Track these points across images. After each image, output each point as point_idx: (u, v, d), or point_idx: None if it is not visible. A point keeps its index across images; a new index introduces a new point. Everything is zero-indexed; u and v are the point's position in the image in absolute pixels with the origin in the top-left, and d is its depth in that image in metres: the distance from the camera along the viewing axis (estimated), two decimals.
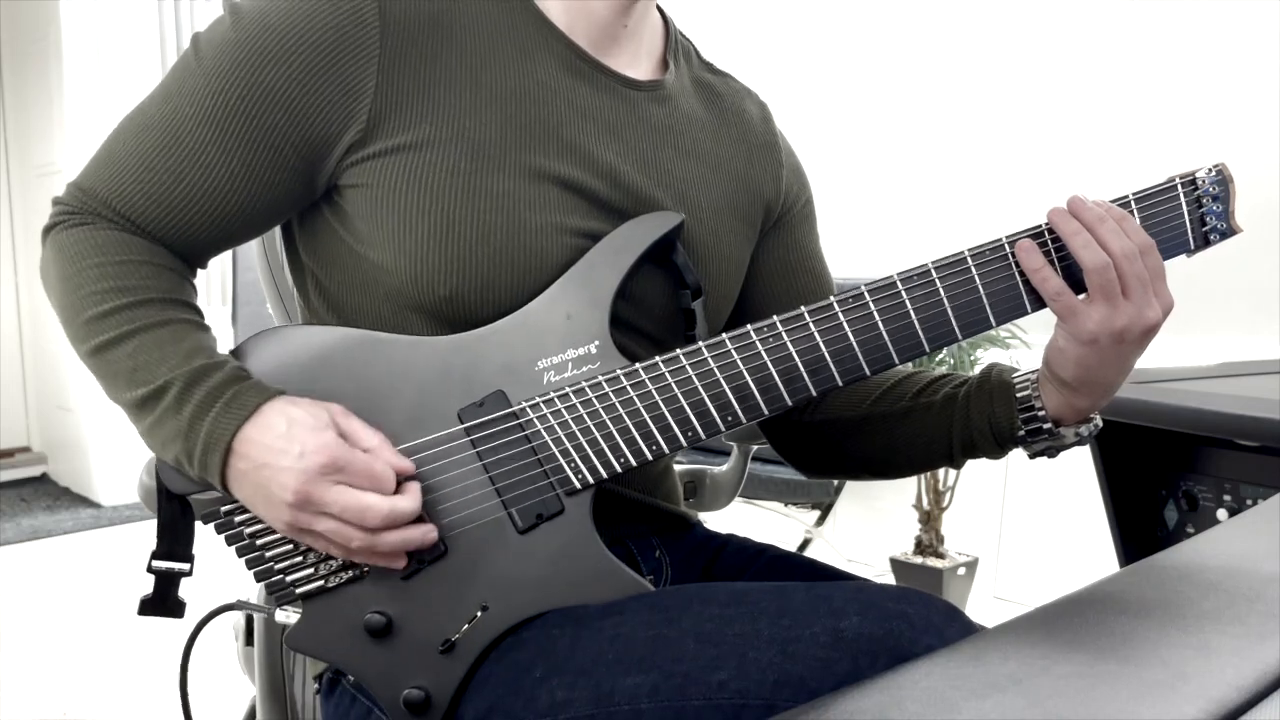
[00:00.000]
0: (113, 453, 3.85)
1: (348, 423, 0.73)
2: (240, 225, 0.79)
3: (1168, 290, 0.75)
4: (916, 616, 0.64)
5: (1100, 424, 0.82)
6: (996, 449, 0.84)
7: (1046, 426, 0.81)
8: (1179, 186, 0.78)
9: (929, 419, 0.87)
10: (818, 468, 0.99)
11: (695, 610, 0.69)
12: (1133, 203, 0.77)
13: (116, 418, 0.76)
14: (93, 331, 0.74)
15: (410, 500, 0.72)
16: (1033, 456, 0.84)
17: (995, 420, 0.83)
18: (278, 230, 0.90)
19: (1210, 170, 0.78)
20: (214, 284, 3.92)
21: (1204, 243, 0.79)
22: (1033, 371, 0.83)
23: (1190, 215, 0.78)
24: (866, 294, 0.75)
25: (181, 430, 0.72)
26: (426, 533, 0.73)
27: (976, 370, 0.87)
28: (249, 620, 1.10)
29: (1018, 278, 0.76)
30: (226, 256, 0.94)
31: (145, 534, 0.79)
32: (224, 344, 0.78)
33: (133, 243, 0.77)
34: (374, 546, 0.72)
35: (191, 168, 0.75)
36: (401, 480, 0.72)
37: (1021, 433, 0.82)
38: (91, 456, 3.98)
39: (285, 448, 0.70)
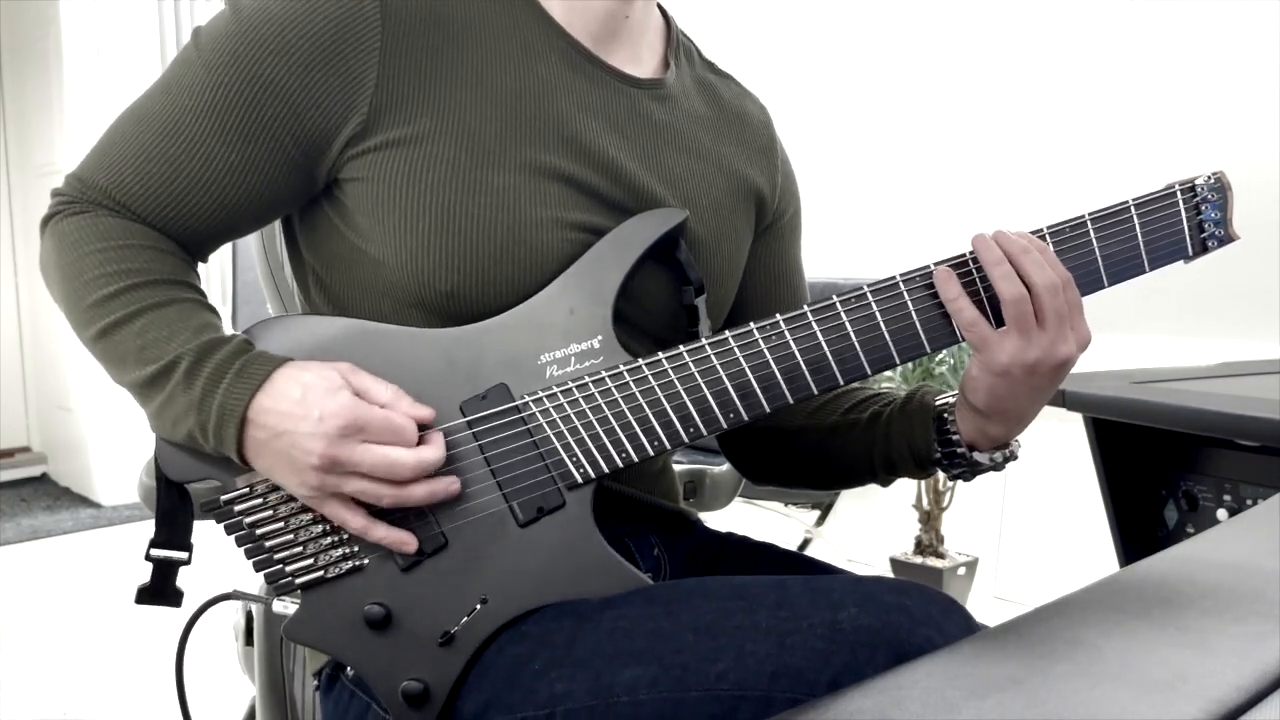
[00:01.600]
0: (113, 453, 3.84)
1: (359, 379, 0.73)
2: (240, 217, 0.79)
3: (1085, 325, 0.75)
4: (915, 609, 0.64)
5: (1017, 454, 0.83)
6: (917, 470, 0.86)
7: (960, 451, 0.82)
8: (1178, 193, 0.78)
9: (854, 436, 0.89)
10: (759, 474, 1.00)
11: (694, 603, 0.69)
12: (1132, 208, 0.77)
13: (116, 418, 0.77)
14: (98, 315, 0.75)
15: (435, 450, 0.72)
16: (951, 479, 0.86)
17: (913, 442, 0.84)
18: (278, 229, 0.90)
19: (1209, 177, 0.78)
20: (214, 284, 3.91)
21: (1202, 249, 0.79)
22: (953, 395, 0.83)
23: (1189, 222, 0.78)
24: (869, 294, 0.75)
25: (194, 405, 0.72)
26: (451, 483, 0.73)
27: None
28: (249, 620, 1.10)
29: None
30: (227, 257, 0.94)
31: (145, 534, 0.79)
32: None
33: (134, 229, 0.77)
34: (405, 499, 0.72)
35: (191, 158, 0.75)
36: (421, 429, 0.73)
37: (938, 455, 0.83)
38: (91, 456, 3.98)
39: (303, 413, 0.69)
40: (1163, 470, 1.21)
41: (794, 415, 0.93)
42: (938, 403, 0.84)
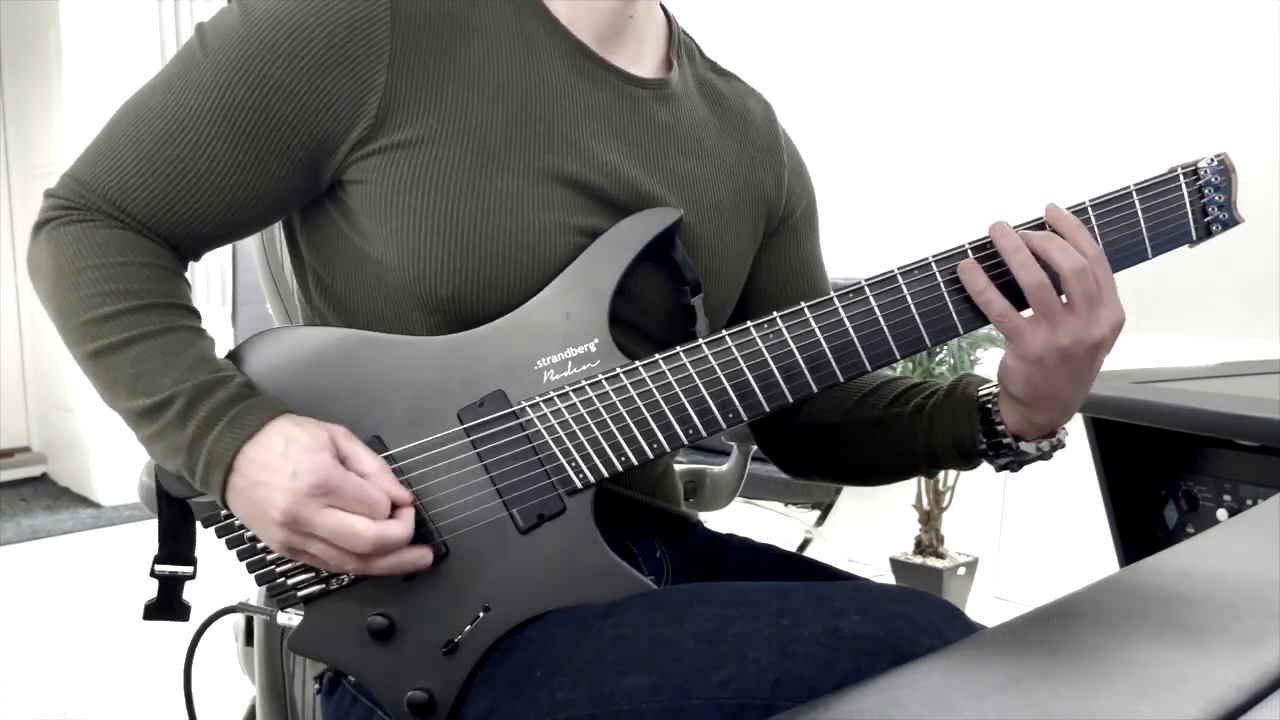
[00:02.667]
0: (113, 453, 3.84)
1: (349, 446, 0.72)
2: (244, 219, 0.78)
3: (1119, 303, 0.74)
4: (917, 616, 0.64)
5: (1064, 441, 0.82)
6: (962, 462, 0.84)
7: (1006, 442, 0.81)
8: (1181, 176, 0.77)
9: (898, 429, 0.87)
10: (801, 470, 0.99)
11: (696, 610, 0.69)
12: (1134, 193, 0.76)
13: (116, 418, 0.76)
14: (92, 335, 0.73)
15: (401, 526, 0.70)
16: (998, 470, 0.84)
17: (957, 434, 0.83)
18: (279, 230, 0.89)
19: (1212, 160, 0.77)
20: (214, 284, 3.92)
21: (1206, 233, 0.78)
22: (996, 385, 0.82)
23: (1192, 205, 0.77)
24: (867, 289, 0.75)
25: (184, 446, 0.71)
26: (421, 557, 0.72)
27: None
28: (249, 620, 1.10)
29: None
30: (227, 257, 0.94)
31: (145, 534, 0.79)
32: (223, 344, 0.77)
33: (133, 242, 0.76)
34: (367, 572, 0.71)
35: (196, 160, 0.75)
36: (396, 507, 0.71)
37: (983, 447, 0.82)
38: (91, 456, 3.98)
39: (280, 466, 0.69)
40: (1163, 470, 1.21)
41: (834, 410, 0.92)
42: (980, 393, 0.83)
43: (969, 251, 0.75)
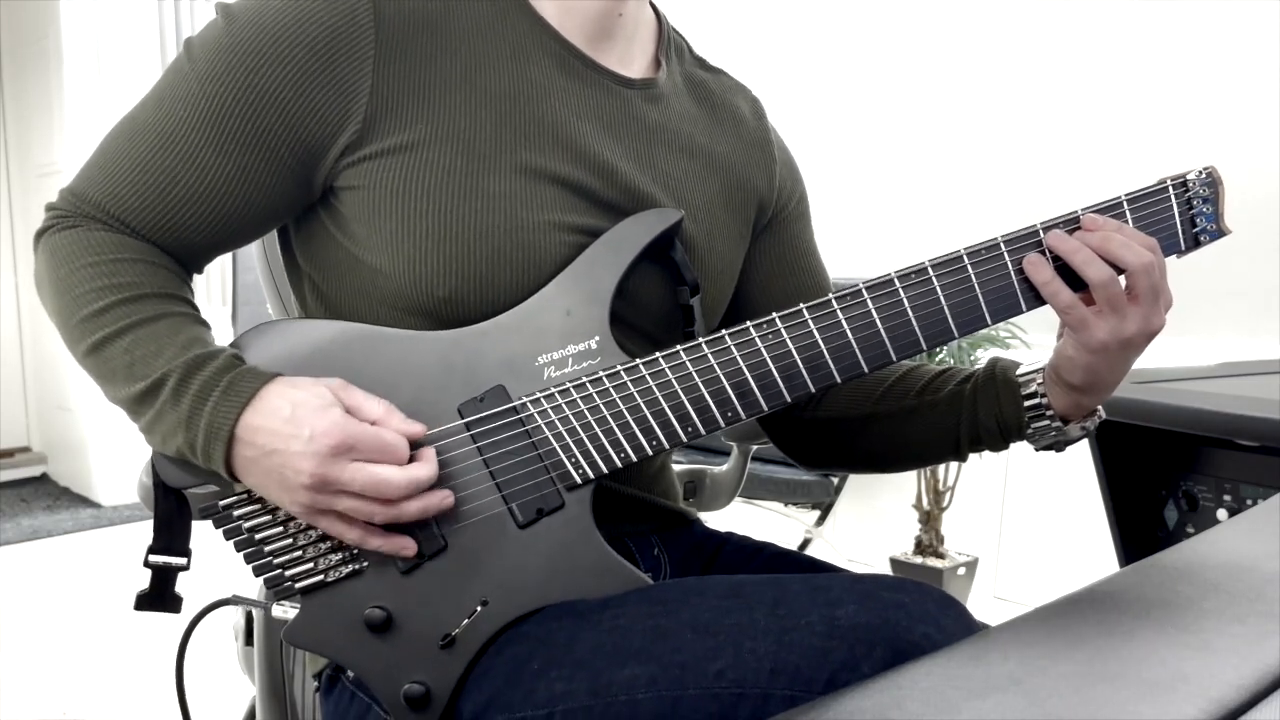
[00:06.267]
0: (113, 453, 3.85)
1: (350, 395, 0.72)
2: (237, 228, 0.78)
3: (1169, 289, 0.76)
4: (913, 605, 0.64)
5: (1104, 414, 0.84)
6: (1001, 443, 0.86)
7: (1055, 425, 0.82)
8: (1170, 188, 0.78)
9: (935, 416, 0.88)
10: (819, 461, 1.00)
11: (693, 602, 0.69)
12: (1125, 203, 0.77)
13: (116, 418, 0.76)
14: (88, 330, 0.74)
15: (426, 467, 0.72)
16: (1038, 450, 0.86)
17: (1002, 417, 0.84)
18: (277, 231, 0.89)
19: (1200, 172, 0.79)
20: (214, 284, 3.92)
21: (1194, 244, 0.80)
22: (1036, 369, 0.83)
23: (1181, 216, 0.79)
24: (865, 292, 0.76)
25: (181, 422, 0.72)
26: (445, 497, 0.73)
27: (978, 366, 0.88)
28: (249, 620, 1.10)
29: (1013, 276, 0.76)
30: (226, 257, 0.94)
31: (145, 534, 0.78)
32: (223, 343, 0.77)
33: (127, 242, 0.76)
34: (398, 517, 0.72)
35: (186, 170, 0.75)
36: (413, 445, 0.72)
37: (1030, 431, 0.84)
38: (91, 456, 3.98)
39: (293, 432, 0.69)
40: (1163, 470, 1.21)
41: (862, 403, 0.93)
42: (1021, 376, 0.84)
43: (964, 257, 0.76)
